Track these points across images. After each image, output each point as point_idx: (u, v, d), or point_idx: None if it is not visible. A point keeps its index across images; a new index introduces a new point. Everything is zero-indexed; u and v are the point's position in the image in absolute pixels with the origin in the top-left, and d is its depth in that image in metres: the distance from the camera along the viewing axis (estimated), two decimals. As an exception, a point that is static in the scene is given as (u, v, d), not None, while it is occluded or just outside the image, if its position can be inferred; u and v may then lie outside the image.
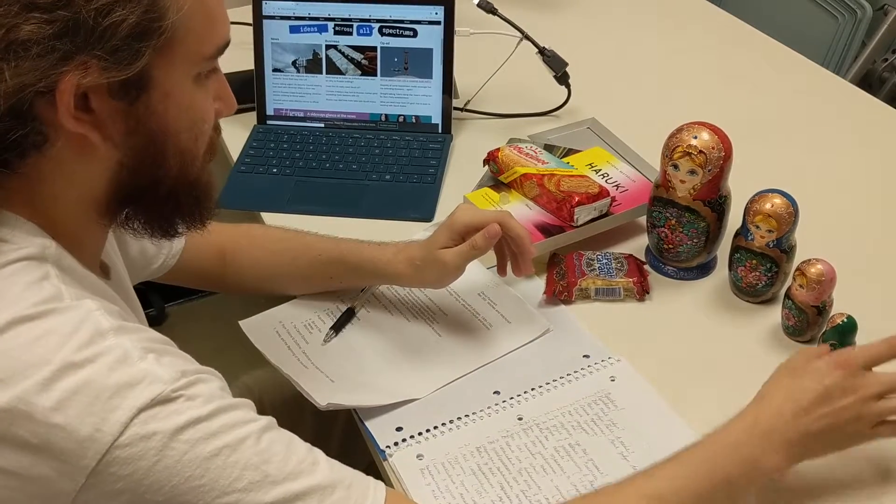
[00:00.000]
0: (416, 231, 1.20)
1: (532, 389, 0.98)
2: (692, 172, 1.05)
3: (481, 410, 0.96)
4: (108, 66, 0.63)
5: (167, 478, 0.62)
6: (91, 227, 0.74)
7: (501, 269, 1.04)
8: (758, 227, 1.04)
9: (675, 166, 1.06)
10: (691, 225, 1.09)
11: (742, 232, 1.07)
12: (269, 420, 0.69)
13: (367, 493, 0.71)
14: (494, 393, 0.98)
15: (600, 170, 1.24)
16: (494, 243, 0.98)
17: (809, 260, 1.00)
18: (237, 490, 0.64)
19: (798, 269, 1.00)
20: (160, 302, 2.17)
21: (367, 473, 0.74)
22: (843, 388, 0.79)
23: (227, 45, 0.73)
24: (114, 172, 0.71)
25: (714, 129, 1.05)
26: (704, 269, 1.14)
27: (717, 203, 1.08)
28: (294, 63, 1.41)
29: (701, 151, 1.03)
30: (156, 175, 0.72)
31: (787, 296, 1.02)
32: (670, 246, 1.12)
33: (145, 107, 0.68)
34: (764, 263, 1.05)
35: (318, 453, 0.71)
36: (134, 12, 0.63)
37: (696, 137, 1.04)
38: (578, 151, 1.31)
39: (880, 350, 0.82)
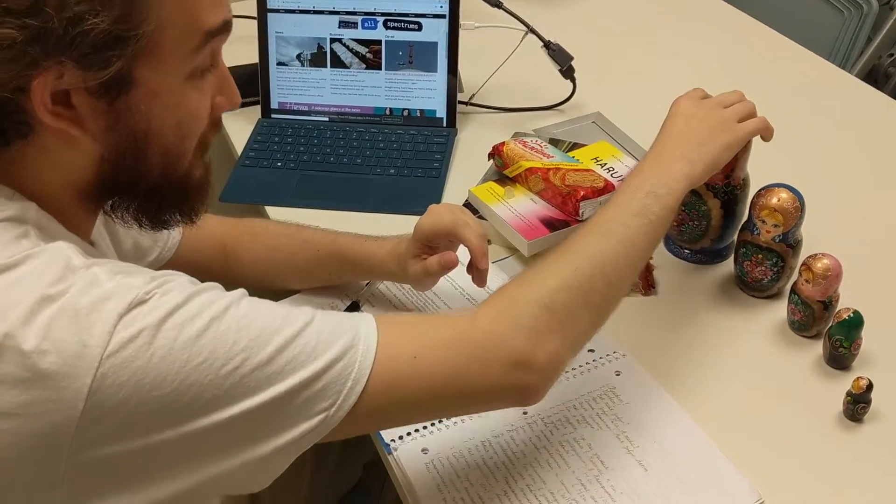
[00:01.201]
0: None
1: (537, 384, 0.98)
2: None
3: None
4: (83, 71, 0.64)
5: (167, 368, 0.62)
6: (77, 209, 0.74)
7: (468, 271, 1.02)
8: (764, 221, 1.03)
9: None
10: (692, 206, 1.09)
11: (748, 226, 1.06)
12: (242, 290, 0.70)
13: (357, 318, 0.73)
14: (499, 387, 0.98)
15: (605, 164, 1.24)
16: (450, 269, 0.98)
17: (816, 255, 0.99)
18: (239, 352, 0.65)
19: (804, 263, 1.00)
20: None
21: (372, 467, 0.74)
22: (696, 106, 0.98)
23: (223, 27, 0.71)
24: (96, 164, 0.71)
25: None
26: (710, 256, 1.14)
27: (721, 190, 1.08)
28: (298, 57, 1.41)
29: None
30: (137, 171, 0.72)
31: (793, 291, 1.02)
32: (675, 223, 1.12)
33: (126, 106, 0.68)
34: (770, 258, 1.05)
35: (303, 306, 0.73)
36: (105, 21, 0.63)
37: None
38: (583, 146, 1.31)
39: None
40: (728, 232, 1.12)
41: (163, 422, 0.63)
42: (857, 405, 0.91)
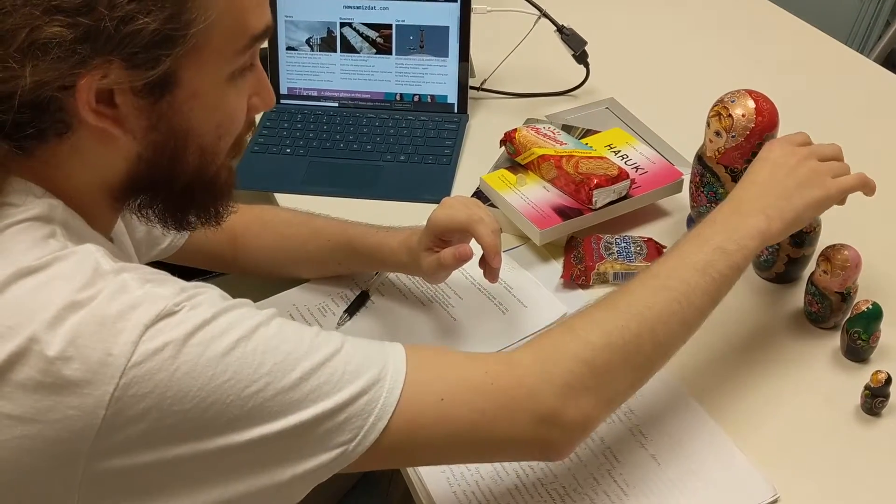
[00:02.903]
0: (431, 213, 1.18)
1: (549, 376, 0.97)
2: (718, 134, 1.04)
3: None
4: (130, 70, 0.63)
5: (190, 383, 0.61)
6: (103, 207, 0.74)
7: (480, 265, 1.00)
8: None
9: (708, 123, 1.06)
10: (710, 187, 1.08)
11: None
12: (274, 310, 0.68)
13: (387, 349, 0.71)
14: (510, 379, 0.96)
15: (619, 151, 1.22)
16: (465, 262, 0.95)
17: (835, 245, 0.97)
18: (263, 375, 0.63)
19: (822, 254, 0.98)
20: (175, 280, 2.17)
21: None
22: (788, 154, 0.91)
23: (265, 32, 0.71)
24: (132, 163, 0.70)
25: (760, 102, 1.02)
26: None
27: (740, 174, 1.05)
28: (308, 41, 1.39)
29: (730, 115, 1.02)
30: (173, 170, 0.71)
31: (811, 281, 1.00)
32: (695, 204, 1.12)
33: (169, 105, 0.67)
34: None
35: (332, 331, 0.71)
36: (157, 21, 0.62)
37: (734, 101, 1.03)
38: (597, 132, 1.29)
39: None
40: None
41: (181, 437, 0.62)
42: (876, 399, 0.90)
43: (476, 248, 0.96)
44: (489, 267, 0.97)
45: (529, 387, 0.72)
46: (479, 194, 1.20)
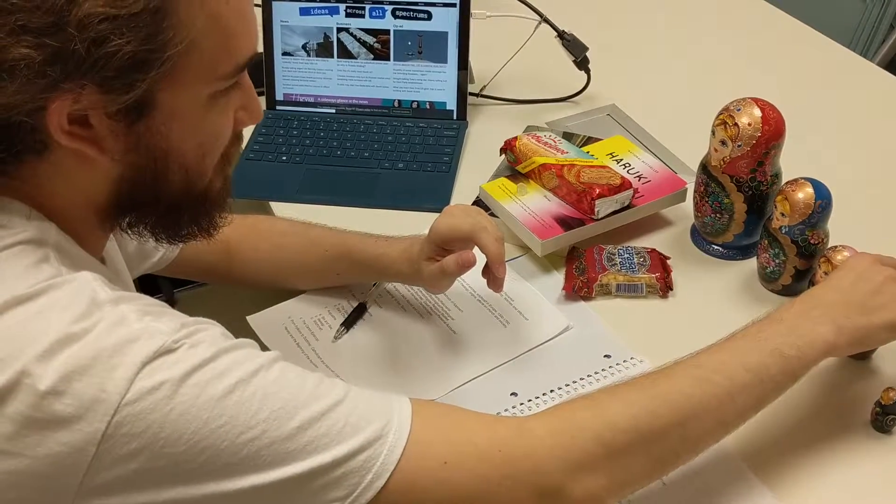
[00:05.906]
0: (429, 221, 1.16)
1: (551, 391, 0.95)
2: (723, 143, 1.03)
3: (498, 413, 0.93)
4: (104, 94, 0.61)
5: (184, 426, 0.59)
6: (93, 227, 0.72)
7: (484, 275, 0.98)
8: (776, 206, 1.01)
9: (713, 132, 1.04)
10: (715, 196, 1.07)
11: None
12: (276, 353, 0.66)
13: (393, 404, 0.68)
14: (511, 395, 0.94)
15: (622, 160, 1.20)
16: (468, 269, 0.93)
17: (836, 247, 0.96)
18: (261, 422, 0.61)
19: (824, 256, 0.96)
20: (169, 287, 2.16)
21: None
22: (875, 270, 0.86)
23: (250, 59, 0.68)
24: (114, 183, 0.68)
25: (766, 111, 1.01)
26: (736, 251, 1.11)
27: (746, 184, 1.04)
28: (304, 47, 1.37)
29: (735, 124, 1.00)
30: (157, 189, 0.69)
31: (811, 283, 0.99)
32: (699, 213, 1.10)
33: (147, 127, 0.65)
34: (773, 247, 1.02)
35: (335, 378, 0.68)
36: (131, 42, 0.59)
37: (739, 109, 1.01)
38: (598, 140, 1.27)
39: None
40: (753, 228, 1.08)
41: (173, 480, 0.60)
42: (887, 417, 0.88)
43: (479, 258, 0.94)
44: (493, 276, 0.95)
45: (537, 459, 0.69)
46: (478, 203, 1.17)
